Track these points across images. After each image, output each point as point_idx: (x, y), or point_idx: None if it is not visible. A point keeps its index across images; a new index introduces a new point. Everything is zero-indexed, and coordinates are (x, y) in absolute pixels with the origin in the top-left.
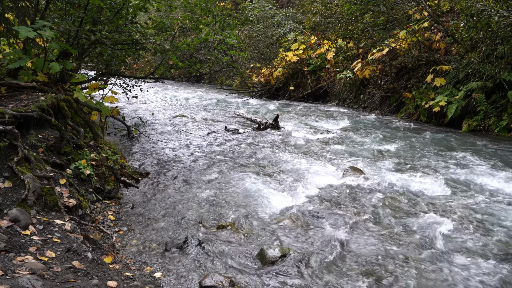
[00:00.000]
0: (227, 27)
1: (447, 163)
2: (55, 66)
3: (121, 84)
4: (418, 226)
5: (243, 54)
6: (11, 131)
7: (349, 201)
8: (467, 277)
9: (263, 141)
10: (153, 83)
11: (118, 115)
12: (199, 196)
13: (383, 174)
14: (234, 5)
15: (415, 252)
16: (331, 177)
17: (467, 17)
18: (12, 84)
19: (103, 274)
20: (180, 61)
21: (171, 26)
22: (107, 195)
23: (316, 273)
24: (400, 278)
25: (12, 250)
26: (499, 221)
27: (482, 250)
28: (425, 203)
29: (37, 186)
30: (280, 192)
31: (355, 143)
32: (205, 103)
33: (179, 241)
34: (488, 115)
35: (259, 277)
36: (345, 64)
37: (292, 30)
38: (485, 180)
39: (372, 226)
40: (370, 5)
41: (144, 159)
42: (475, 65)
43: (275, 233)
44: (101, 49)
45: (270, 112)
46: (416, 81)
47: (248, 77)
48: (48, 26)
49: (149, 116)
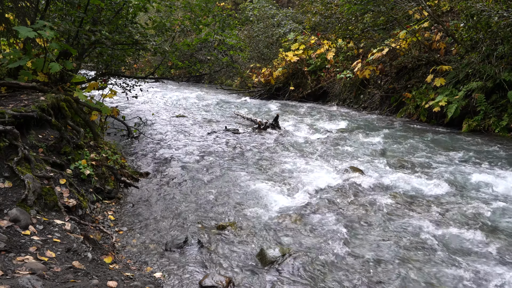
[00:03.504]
0: (227, 28)
1: (447, 163)
2: (55, 66)
3: (121, 84)
4: (418, 226)
5: (243, 54)
6: (11, 131)
7: (349, 201)
8: (467, 277)
9: (263, 141)
10: (153, 83)
11: (118, 115)
12: (199, 196)
13: (383, 174)
14: (234, 5)
15: (415, 252)
16: (331, 177)
17: (467, 17)
18: (12, 84)
19: (103, 274)
20: (180, 61)
21: (171, 26)
22: (107, 195)
23: (316, 273)
24: (400, 278)
25: (12, 250)
26: (499, 221)
27: (482, 250)
28: (425, 203)
29: (37, 186)
30: (280, 192)
31: (355, 143)
32: (205, 103)
33: (179, 241)
34: (488, 115)
35: (259, 277)
36: (345, 64)
37: (292, 30)
38: (485, 180)
39: (372, 225)
40: (370, 5)
41: (144, 159)
42: (475, 65)
43: (275, 233)
44: (101, 49)
45: (270, 112)
46: (416, 81)
47: (248, 77)
48: (48, 26)
49: (149, 116)
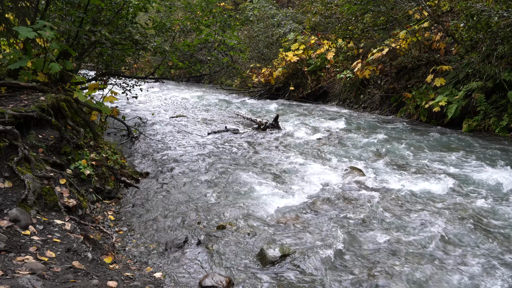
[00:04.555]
0: (227, 28)
1: (447, 163)
2: (55, 66)
3: (121, 84)
4: (418, 225)
5: (243, 55)
6: (11, 131)
7: (349, 200)
8: (466, 277)
9: (263, 141)
10: (153, 83)
11: (118, 115)
12: (199, 196)
13: (383, 174)
14: (234, 5)
15: (415, 252)
16: (331, 177)
17: (467, 17)
18: (12, 84)
19: (103, 274)
20: (180, 62)
21: (171, 27)
22: (107, 195)
23: (316, 273)
24: (399, 278)
25: (12, 250)
26: (499, 221)
27: (482, 250)
28: (425, 203)
29: (37, 186)
30: (280, 192)
31: (355, 143)
32: (205, 103)
33: (179, 241)
34: (488, 115)
35: (259, 277)
36: (345, 64)
37: (292, 30)
38: (485, 180)
39: (372, 225)
40: (370, 5)
41: (144, 159)
42: (475, 65)
43: (275, 233)
44: (101, 49)
45: (270, 112)
46: (416, 81)
47: (248, 77)
48: (48, 26)
49: (149, 116)
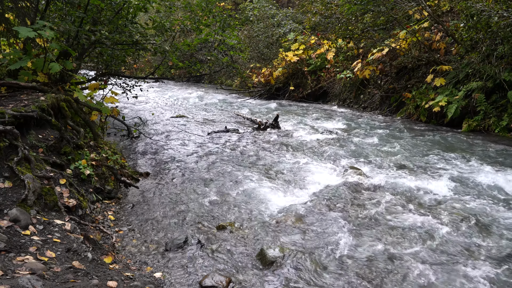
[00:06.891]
0: (227, 28)
1: (447, 163)
2: (55, 66)
3: (121, 84)
4: (418, 226)
5: (243, 55)
6: (11, 131)
7: (349, 200)
8: (466, 277)
9: (263, 141)
10: (153, 83)
11: (118, 115)
12: (199, 196)
13: (383, 174)
14: (234, 5)
15: (414, 252)
16: (331, 177)
17: (467, 17)
18: (12, 84)
19: (103, 274)
20: (180, 61)
21: (171, 27)
22: (107, 195)
23: (316, 273)
24: (399, 278)
25: (12, 250)
26: (499, 221)
27: (482, 251)
28: (424, 203)
29: (37, 186)
30: (280, 192)
31: (355, 143)
32: (205, 103)
33: (179, 241)
34: (488, 115)
35: (259, 277)
36: (345, 64)
37: (292, 30)
38: (485, 180)
39: (372, 225)
40: (370, 5)
41: (144, 159)
42: (475, 65)
43: (275, 233)
44: (101, 49)
45: (270, 112)
46: (416, 81)
47: (248, 77)
48: (48, 26)
49: (149, 116)
